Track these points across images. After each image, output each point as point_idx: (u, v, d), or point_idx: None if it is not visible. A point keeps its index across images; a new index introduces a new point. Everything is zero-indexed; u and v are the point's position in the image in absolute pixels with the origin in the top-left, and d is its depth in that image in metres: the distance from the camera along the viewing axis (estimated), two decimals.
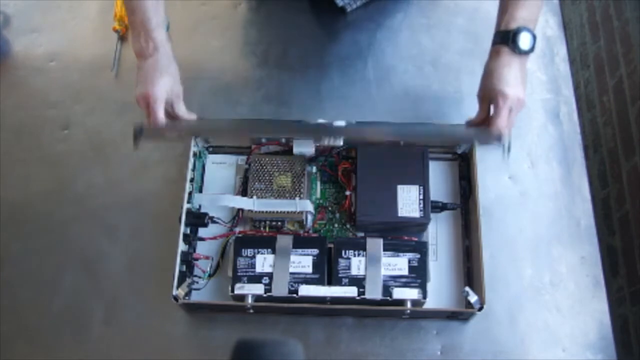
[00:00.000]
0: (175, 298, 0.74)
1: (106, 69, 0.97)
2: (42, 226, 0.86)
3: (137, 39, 0.73)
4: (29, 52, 1.00)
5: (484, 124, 0.76)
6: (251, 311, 0.77)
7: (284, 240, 0.77)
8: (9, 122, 0.94)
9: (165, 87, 0.73)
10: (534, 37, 0.72)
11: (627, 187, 1.05)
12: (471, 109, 0.92)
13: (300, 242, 0.77)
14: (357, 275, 0.75)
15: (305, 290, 0.73)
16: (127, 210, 0.86)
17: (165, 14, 0.75)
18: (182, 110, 0.77)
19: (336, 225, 0.83)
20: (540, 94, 0.94)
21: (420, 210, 0.78)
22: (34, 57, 0.99)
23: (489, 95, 0.74)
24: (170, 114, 0.76)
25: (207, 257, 0.81)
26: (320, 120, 0.80)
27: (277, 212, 0.80)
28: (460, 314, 0.77)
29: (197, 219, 0.80)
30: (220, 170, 0.87)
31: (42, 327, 0.80)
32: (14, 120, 0.94)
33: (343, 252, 0.76)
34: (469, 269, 0.80)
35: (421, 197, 0.79)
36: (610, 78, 1.15)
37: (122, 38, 0.99)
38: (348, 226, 0.83)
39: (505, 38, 0.72)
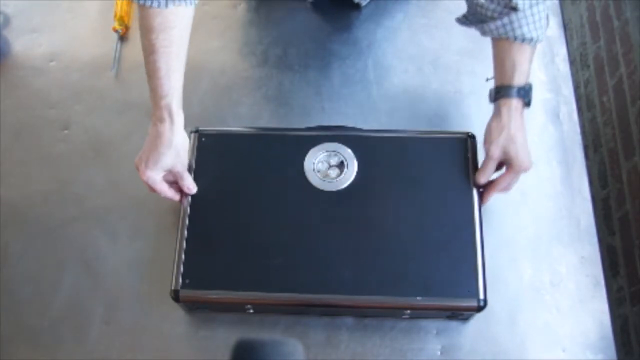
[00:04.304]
0: (176, 298, 0.74)
1: (106, 69, 0.97)
2: (42, 226, 0.86)
3: (152, 101, 0.73)
4: (29, 52, 1.00)
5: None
6: (251, 311, 0.77)
7: None
8: (9, 122, 0.94)
9: (164, 167, 0.72)
10: None
11: (627, 187, 1.05)
12: (471, 108, 0.92)
13: None
14: None
15: None
16: (127, 210, 0.86)
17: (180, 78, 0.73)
18: (187, 182, 0.76)
19: None
20: (540, 94, 0.94)
21: None
22: (34, 57, 0.99)
23: (506, 159, 0.75)
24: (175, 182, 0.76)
25: None
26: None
27: None
28: (460, 314, 0.77)
29: None
30: None
31: (42, 327, 0.80)
32: (14, 120, 0.94)
33: None
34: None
35: None
36: (610, 78, 1.15)
37: (122, 38, 0.99)
38: None
39: (524, 93, 0.74)
